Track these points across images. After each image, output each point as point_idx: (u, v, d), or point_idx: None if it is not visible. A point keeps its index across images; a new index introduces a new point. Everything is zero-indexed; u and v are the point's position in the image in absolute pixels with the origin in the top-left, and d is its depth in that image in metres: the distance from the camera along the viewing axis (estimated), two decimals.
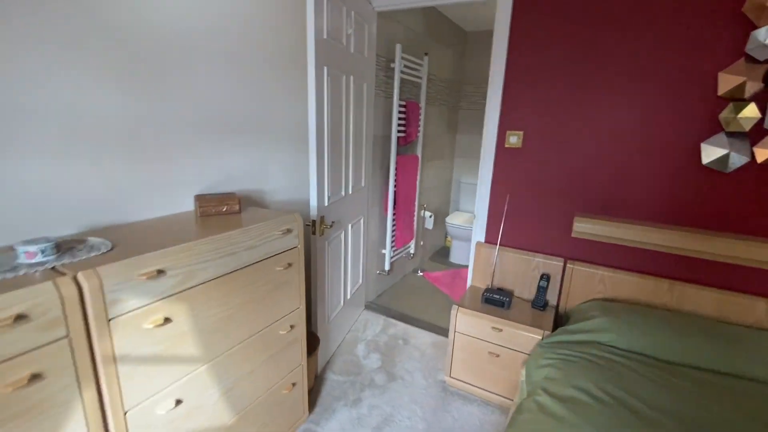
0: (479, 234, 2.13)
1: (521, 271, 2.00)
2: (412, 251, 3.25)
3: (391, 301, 2.86)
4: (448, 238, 4.16)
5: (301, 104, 1.87)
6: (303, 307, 1.50)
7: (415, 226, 3.15)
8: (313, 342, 1.81)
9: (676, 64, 1.57)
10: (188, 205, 1.41)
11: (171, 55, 1.27)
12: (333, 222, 1.89)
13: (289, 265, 1.38)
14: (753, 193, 1.52)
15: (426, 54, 2.91)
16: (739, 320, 1.57)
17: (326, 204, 1.84)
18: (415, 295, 2.99)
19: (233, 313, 1.19)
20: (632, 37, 1.62)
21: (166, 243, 1.00)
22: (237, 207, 1.40)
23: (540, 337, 1.66)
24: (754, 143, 1.48)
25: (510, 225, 2.03)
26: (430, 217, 3.35)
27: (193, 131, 1.39)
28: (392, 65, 2.57)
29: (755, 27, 1.41)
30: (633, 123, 1.68)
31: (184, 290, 1.02)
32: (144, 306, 0.93)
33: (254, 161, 1.67)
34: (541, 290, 1.88)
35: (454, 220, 3.67)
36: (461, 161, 4.07)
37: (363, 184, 2.36)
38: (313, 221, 1.76)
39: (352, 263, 2.33)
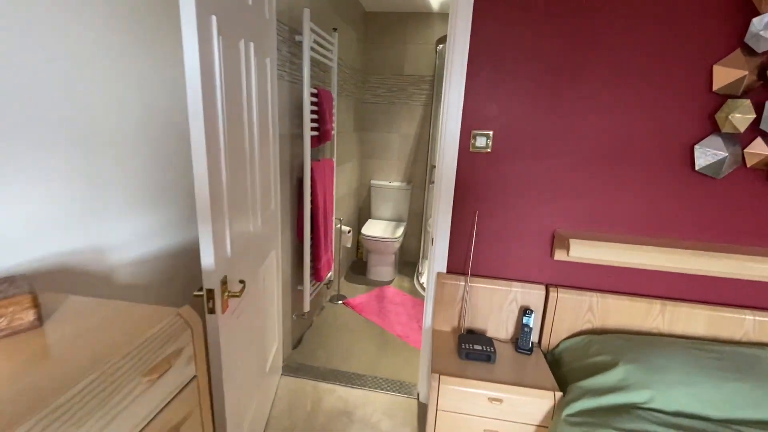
0: (439, 262, 1.65)
1: (495, 304, 1.60)
2: (331, 277, 2.61)
3: (315, 351, 2.19)
4: (361, 251, 3.65)
5: (164, 85, 1.08)
6: None
7: (333, 247, 2.52)
8: None
9: (668, 55, 1.33)
10: None
11: None
12: (243, 282, 1.15)
13: (183, 421, 0.65)
14: (744, 200, 1.39)
15: (335, 29, 2.28)
16: (729, 335, 1.46)
17: (229, 254, 1.09)
18: (342, 334, 2.38)
19: None
20: (620, 23, 1.33)
21: None
22: (32, 315, 0.60)
23: (552, 401, 1.27)
24: (745, 145, 1.34)
25: (479, 249, 1.61)
26: (348, 232, 2.76)
27: None
28: (298, 38, 1.87)
29: (758, 13, 1.23)
30: (619, 123, 1.41)
31: None
32: None
33: (68, 197, 0.83)
34: (526, 329, 1.51)
35: (370, 230, 3.16)
36: (369, 162, 3.56)
37: (273, 206, 1.63)
38: (209, 291, 1.00)
39: (267, 325, 1.59)
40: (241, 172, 1.19)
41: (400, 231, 3.19)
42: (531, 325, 1.51)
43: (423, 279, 3.19)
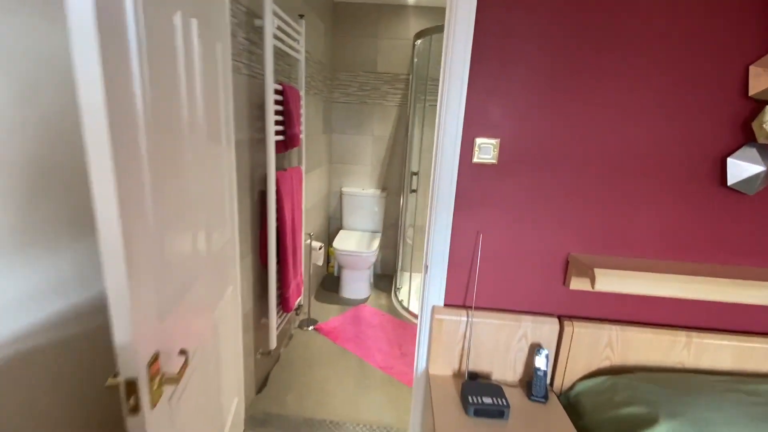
0: (434, 294, 1.39)
1: (502, 342, 1.36)
2: (301, 301, 2.29)
3: (284, 394, 1.86)
4: (332, 265, 3.34)
5: (52, 68, 0.74)
6: None
7: (303, 267, 2.20)
8: None
9: (698, 55, 1.14)
10: None
11: None
12: (185, 352, 0.82)
13: None
14: None
15: (302, 16, 1.96)
16: (756, 368, 1.31)
17: (161, 315, 0.76)
18: (315, 370, 2.07)
19: None
20: (644, 16, 1.13)
21: None
22: None
23: None
24: None
25: (483, 277, 1.36)
26: (320, 248, 2.45)
27: None
28: (257, 22, 1.54)
29: None
30: (642, 132, 1.21)
31: None
32: None
33: None
34: (540, 373, 1.28)
35: (342, 243, 2.86)
36: (340, 167, 3.26)
37: (229, 231, 1.30)
38: (129, 383, 0.67)
39: (225, 379, 1.26)
40: (179, 192, 0.86)
41: (376, 243, 2.92)
42: (545, 368, 1.28)
43: (401, 295, 2.93)
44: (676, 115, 1.19)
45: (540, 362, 1.28)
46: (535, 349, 1.34)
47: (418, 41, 2.66)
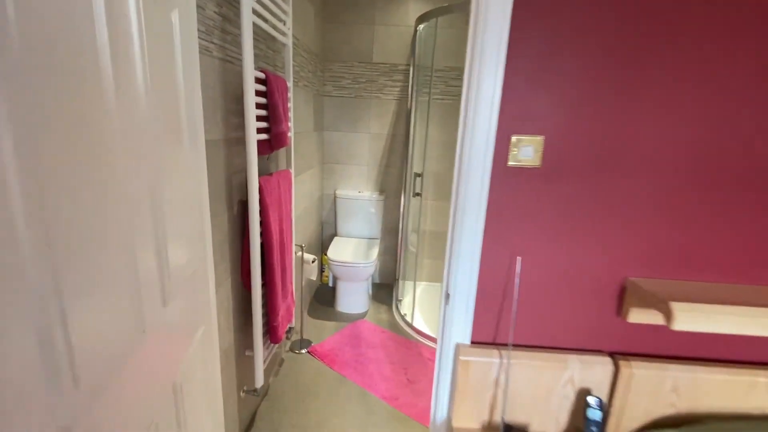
0: (459, 330, 1.12)
1: (543, 386, 1.11)
2: (292, 324, 2.00)
3: None
4: (326, 274, 3.05)
5: None
6: None
7: (294, 286, 1.91)
8: None
9: None
10: None
11: None
12: None
13: None
14: None
15: None
16: None
17: (74, 418, 0.48)
18: (309, 404, 1.79)
19: None
20: None
21: None
22: None
23: None
24: None
25: (519, 308, 1.10)
26: (313, 262, 2.16)
27: None
28: None
29: None
30: (727, 128, 0.96)
31: None
32: None
33: None
34: (594, 428, 1.03)
35: (337, 253, 2.58)
36: (333, 168, 2.97)
37: (199, 259, 1.01)
38: None
39: None
40: (101, 211, 0.57)
41: (374, 252, 2.64)
42: (599, 420, 1.03)
43: (404, 308, 2.66)
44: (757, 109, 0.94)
45: (593, 414, 1.03)
46: (583, 394, 1.09)
47: (421, 26, 2.37)
